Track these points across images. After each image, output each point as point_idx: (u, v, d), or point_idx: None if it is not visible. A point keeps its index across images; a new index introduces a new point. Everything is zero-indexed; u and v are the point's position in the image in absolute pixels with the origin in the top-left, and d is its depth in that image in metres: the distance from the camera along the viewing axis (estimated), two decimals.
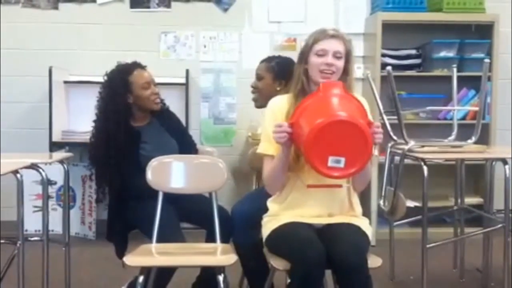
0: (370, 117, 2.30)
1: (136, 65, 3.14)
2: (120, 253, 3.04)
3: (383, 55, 4.67)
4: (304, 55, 2.43)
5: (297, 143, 2.22)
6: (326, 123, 2.10)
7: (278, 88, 3.09)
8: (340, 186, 2.36)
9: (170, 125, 3.20)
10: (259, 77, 3.19)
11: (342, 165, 2.14)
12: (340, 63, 2.39)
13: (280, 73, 3.09)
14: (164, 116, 3.21)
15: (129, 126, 3.06)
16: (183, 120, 4.44)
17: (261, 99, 3.17)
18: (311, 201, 2.41)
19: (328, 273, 2.30)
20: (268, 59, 3.22)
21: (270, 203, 2.52)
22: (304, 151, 2.15)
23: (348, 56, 2.42)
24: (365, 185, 2.48)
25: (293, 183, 2.42)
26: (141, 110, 3.11)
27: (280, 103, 2.46)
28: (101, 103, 3.08)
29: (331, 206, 2.42)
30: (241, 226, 2.91)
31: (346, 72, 2.42)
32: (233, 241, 2.92)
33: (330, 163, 2.13)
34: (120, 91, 3.03)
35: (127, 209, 3.02)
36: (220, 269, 2.50)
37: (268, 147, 2.41)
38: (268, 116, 2.47)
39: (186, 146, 3.18)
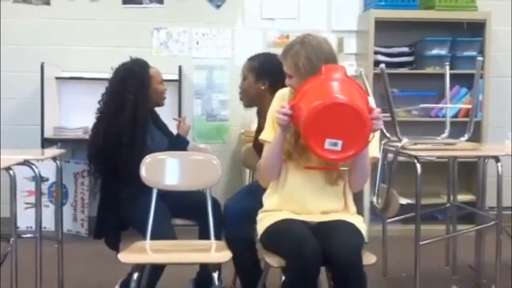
0: (372, 102, 2.29)
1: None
2: (112, 244, 3.04)
3: (376, 53, 4.69)
4: None
5: (297, 125, 2.23)
6: (324, 105, 2.11)
7: (262, 87, 3.01)
8: (337, 168, 2.36)
9: (159, 124, 3.26)
10: (243, 77, 3.12)
11: (339, 148, 2.14)
12: (292, 81, 2.41)
13: (262, 72, 3.02)
14: (154, 115, 3.27)
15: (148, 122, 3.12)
16: (176, 117, 4.48)
17: (246, 99, 3.12)
18: (307, 194, 2.40)
19: (323, 270, 2.30)
20: (252, 58, 3.13)
21: (265, 198, 2.52)
22: (302, 133, 2.16)
23: (299, 68, 2.37)
24: (363, 184, 2.47)
25: (288, 170, 2.41)
26: (149, 105, 3.15)
27: (286, 94, 2.47)
28: (123, 94, 3.03)
29: (327, 203, 2.42)
30: (234, 222, 2.91)
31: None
32: (225, 237, 2.92)
33: (327, 146, 2.14)
34: (145, 83, 3.09)
35: (121, 205, 3.02)
36: (215, 266, 2.50)
37: (270, 135, 2.42)
38: (275, 105, 2.46)
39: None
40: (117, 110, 3.02)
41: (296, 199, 2.42)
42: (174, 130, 3.38)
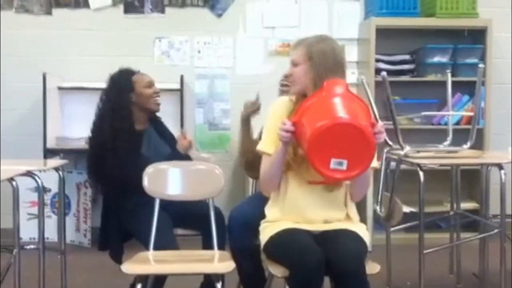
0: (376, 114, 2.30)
1: (138, 71, 3.23)
2: (116, 257, 3.04)
3: (377, 60, 4.69)
4: None
5: (300, 142, 2.22)
6: (328, 126, 2.10)
7: None
8: (340, 183, 2.36)
9: (163, 133, 3.25)
10: None
11: (344, 167, 2.14)
12: (298, 69, 2.38)
13: None
14: (157, 123, 3.27)
15: (133, 128, 3.10)
16: (178, 126, 4.48)
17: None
18: (308, 205, 2.39)
19: (326, 279, 2.30)
20: None
21: (267, 209, 2.51)
22: (307, 153, 2.15)
23: (312, 59, 2.35)
24: (364, 194, 2.48)
25: (288, 182, 2.41)
26: (142, 111, 3.15)
27: (285, 104, 2.45)
28: (104, 104, 3.10)
29: (329, 212, 2.41)
30: (238, 232, 2.90)
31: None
32: (229, 247, 2.91)
33: (332, 165, 2.13)
34: (125, 89, 3.09)
35: (122, 216, 3.01)
36: (218, 277, 2.49)
37: (269, 146, 2.41)
38: (271, 115, 2.46)
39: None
40: (101, 120, 3.07)
41: (297, 209, 2.41)
42: None
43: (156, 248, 2.73)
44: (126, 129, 3.04)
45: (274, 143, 2.37)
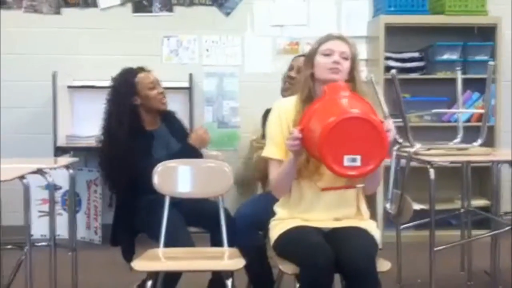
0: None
1: (141, 69, 3.19)
2: (128, 256, 3.05)
3: (386, 58, 4.68)
4: (310, 58, 2.43)
5: (309, 147, 2.19)
6: (338, 121, 2.07)
7: None
8: (354, 186, 2.35)
9: (175, 130, 3.23)
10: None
11: (358, 163, 2.09)
12: (346, 64, 2.38)
13: None
14: (170, 120, 3.26)
15: (143, 129, 3.10)
16: (187, 124, 4.48)
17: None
18: (320, 206, 2.39)
19: (337, 277, 2.29)
20: None
21: (278, 208, 2.50)
22: (319, 153, 2.11)
23: (354, 60, 2.40)
24: (377, 187, 2.47)
25: (302, 188, 2.40)
26: (150, 112, 3.14)
27: (286, 107, 2.43)
28: (107, 107, 3.12)
29: (339, 210, 2.41)
30: (244, 230, 2.90)
31: (352, 77, 2.40)
32: (237, 245, 2.91)
33: (346, 163, 2.09)
34: (126, 93, 3.07)
35: (134, 213, 3.02)
36: (228, 274, 2.49)
37: (274, 151, 2.40)
38: (273, 119, 2.45)
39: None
40: (107, 124, 3.09)
41: (310, 207, 2.40)
42: None
43: (171, 245, 2.74)
44: (122, 132, 3.01)
45: (279, 147, 2.36)
